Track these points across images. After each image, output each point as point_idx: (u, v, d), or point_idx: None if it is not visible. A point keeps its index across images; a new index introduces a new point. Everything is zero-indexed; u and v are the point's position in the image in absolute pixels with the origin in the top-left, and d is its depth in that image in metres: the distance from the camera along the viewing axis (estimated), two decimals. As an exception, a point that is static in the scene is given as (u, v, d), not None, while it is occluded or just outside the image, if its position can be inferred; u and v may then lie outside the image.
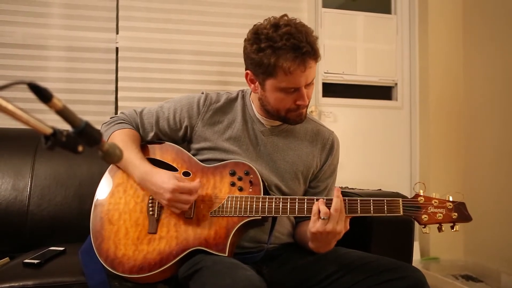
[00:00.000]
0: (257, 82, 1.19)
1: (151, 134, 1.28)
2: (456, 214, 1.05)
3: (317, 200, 1.07)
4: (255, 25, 1.15)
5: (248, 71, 1.20)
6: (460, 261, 2.66)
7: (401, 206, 1.06)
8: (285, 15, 1.14)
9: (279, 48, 1.08)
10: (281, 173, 1.25)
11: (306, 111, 1.22)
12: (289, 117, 1.20)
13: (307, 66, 1.10)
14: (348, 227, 1.06)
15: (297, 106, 1.17)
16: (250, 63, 1.17)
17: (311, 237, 1.07)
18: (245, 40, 1.17)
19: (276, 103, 1.18)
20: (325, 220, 1.02)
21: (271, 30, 1.10)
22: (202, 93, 1.31)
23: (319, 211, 1.03)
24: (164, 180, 1.10)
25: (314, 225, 1.03)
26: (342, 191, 1.54)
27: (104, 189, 1.22)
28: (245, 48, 1.17)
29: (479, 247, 2.59)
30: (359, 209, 1.06)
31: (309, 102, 1.19)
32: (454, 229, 1.06)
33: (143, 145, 1.27)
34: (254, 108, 1.28)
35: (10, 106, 0.54)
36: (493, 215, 2.41)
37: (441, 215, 1.05)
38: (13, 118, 0.55)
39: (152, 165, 1.18)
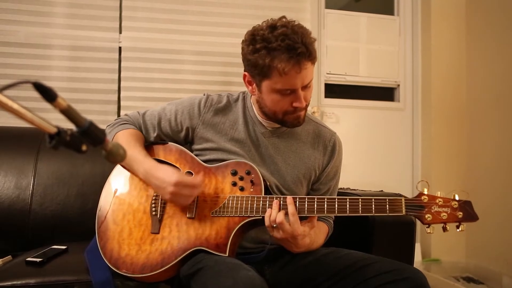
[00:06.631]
0: (254, 84, 1.19)
1: (153, 136, 1.30)
2: (461, 213, 1.01)
3: (316, 199, 1.09)
4: (253, 26, 1.15)
5: (245, 73, 1.20)
6: (461, 262, 2.65)
7: (403, 205, 1.04)
8: (283, 16, 1.14)
9: (273, 49, 1.08)
10: (282, 175, 1.25)
11: (305, 114, 1.21)
12: (286, 119, 1.20)
13: (302, 67, 1.09)
14: (315, 225, 1.10)
15: (294, 109, 1.16)
16: (246, 64, 1.17)
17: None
18: (242, 42, 1.17)
19: (273, 105, 1.17)
20: (277, 228, 1.05)
21: (267, 31, 1.10)
22: (204, 95, 1.31)
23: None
24: (168, 174, 1.10)
25: (270, 231, 1.08)
26: (343, 192, 1.54)
27: (108, 190, 1.23)
28: (242, 50, 1.17)
29: (481, 249, 2.58)
30: (360, 208, 1.05)
31: (307, 105, 1.19)
32: (460, 229, 1.01)
33: (147, 146, 1.28)
34: (255, 110, 1.28)
35: (15, 105, 0.54)
36: (495, 217, 2.40)
37: (446, 214, 1.01)
38: (17, 117, 0.55)
39: (156, 161, 1.18)
